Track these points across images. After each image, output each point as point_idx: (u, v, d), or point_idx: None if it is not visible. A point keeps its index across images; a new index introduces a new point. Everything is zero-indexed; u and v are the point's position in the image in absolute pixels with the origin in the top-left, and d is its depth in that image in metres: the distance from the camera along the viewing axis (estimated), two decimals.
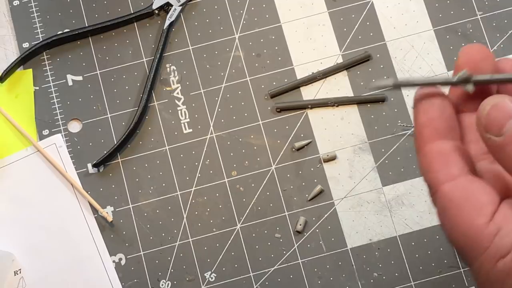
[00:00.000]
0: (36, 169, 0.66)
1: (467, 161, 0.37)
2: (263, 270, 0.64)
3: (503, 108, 0.35)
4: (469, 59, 0.38)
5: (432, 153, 0.38)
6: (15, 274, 0.64)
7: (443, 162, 0.37)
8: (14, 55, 0.69)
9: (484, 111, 0.35)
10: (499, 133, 0.35)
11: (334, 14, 0.69)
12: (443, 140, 0.38)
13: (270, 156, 0.66)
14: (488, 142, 0.35)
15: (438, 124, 0.38)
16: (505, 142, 0.34)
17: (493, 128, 0.35)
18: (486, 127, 0.35)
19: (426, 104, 0.38)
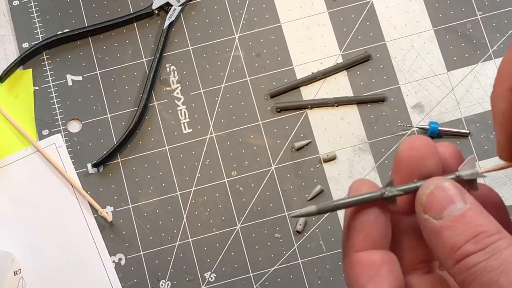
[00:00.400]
0: (36, 169, 0.66)
1: (397, 275, 0.34)
2: (263, 270, 0.64)
3: (448, 191, 0.33)
4: (411, 156, 0.35)
5: (360, 264, 0.34)
6: (15, 274, 0.64)
7: (371, 277, 0.34)
8: (14, 55, 0.69)
9: (426, 190, 0.33)
10: (438, 216, 0.32)
11: (334, 14, 0.69)
12: (374, 250, 0.34)
13: (270, 156, 0.66)
14: (424, 223, 0.33)
15: (371, 231, 0.34)
16: (443, 227, 0.32)
17: (433, 210, 0.33)
18: (426, 208, 0.33)
19: (360, 210, 0.35)
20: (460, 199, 0.32)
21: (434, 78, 0.67)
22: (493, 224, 0.32)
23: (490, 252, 0.31)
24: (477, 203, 0.33)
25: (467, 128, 0.66)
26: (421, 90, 0.67)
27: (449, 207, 0.32)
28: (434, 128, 0.65)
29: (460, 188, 0.33)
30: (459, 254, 0.31)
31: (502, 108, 0.34)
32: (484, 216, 0.32)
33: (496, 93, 0.34)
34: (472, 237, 0.31)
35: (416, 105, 0.67)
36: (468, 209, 0.32)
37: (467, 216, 0.32)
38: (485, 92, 0.66)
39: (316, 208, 0.34)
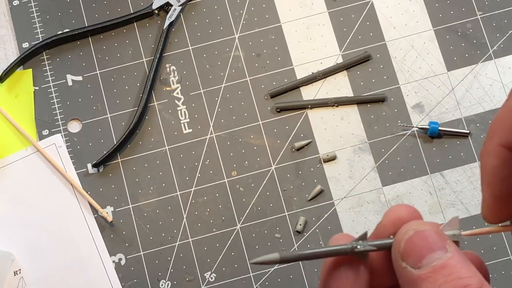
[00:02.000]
0: (36, 169, 0.66)
1: None
2: (263, 270, 0.64)
3: (428, 237, 0.30)
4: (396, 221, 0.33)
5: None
6: (15, 274, 0.64)
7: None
8: (14, 55, 0.69)
9: (405, 235, 0.31)
10: (416, 265, 0.30)
11: (334, 14, 0.69)
12: None
13: (270, 156, 0.66)
14: (402, 272, 0.30)
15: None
16: (421, 278, 0.29)
17: (411, 257, 0.30)
18: (403, 255, 0.30)
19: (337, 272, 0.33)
20: (441, 247, 0.30)
21: (434, 78, 0.67)
22: (476, 277, 0.29)
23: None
24: (459, 252, 0.30)
25: (467, 128, 0.66)
26: (421, 90, 0.67)
27: (429, 256, 0.30)
28: (434, 128, 0.65)
29: (442, 234, 0.31)
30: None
31: (492, 165, 0.31)
32: (466, 267, 0.30)
33: (486, 149, 0.32)
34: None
35: (416, 105, 0.67)
36: (449, 259, 0.30)
37: (447, 267, 0.29)
38: (485, 92, 0.66)
39: (278, 257, 0.32)
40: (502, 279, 0.63)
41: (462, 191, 0.65)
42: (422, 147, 0.66)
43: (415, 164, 0.65)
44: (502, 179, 0.31)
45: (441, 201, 0.65)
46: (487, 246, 0.63)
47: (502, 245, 0.63)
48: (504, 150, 0.31)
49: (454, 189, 0.65)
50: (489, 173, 0.31)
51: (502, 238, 0.64)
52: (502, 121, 0.31)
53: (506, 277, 0.63)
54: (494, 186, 0.31)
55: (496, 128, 0.31)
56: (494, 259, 0.63)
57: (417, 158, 0.65)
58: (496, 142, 0.31)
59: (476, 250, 0.63)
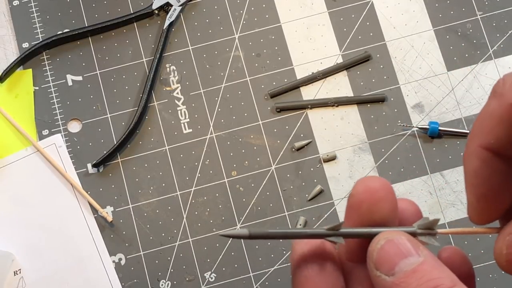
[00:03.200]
0: (36, 169, 0.66)
1: None
2: (263, 270, 0.64)
3: (399, 245, 0.31)
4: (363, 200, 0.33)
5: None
6: (15, 274, 0.64)
7: None
8: (14, 55, 0.69)
9: (377, 245, 0.31)
10: (389, 272, 0.30)
11: (334, 14, 0.69)
12: None
13: (270, 156, 0.66)
14: (377, 280, 0.31)
15: (315, 286, 0.33)
16: (394, 283, 0.30)
17: (384, 266, 0.30)
18: (377, 264, 0.31)
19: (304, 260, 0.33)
20: (413, 253, 0.31)
21: (434, 78, 0.67)
22: (448, 277, 0.30)
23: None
24: (432, 256, 0.31)
25: (467, 128, 0.66)
26: (421, 90, 0.67)
27: (401, 262, 0.30)
28: (434, 128, 0.65)
29: (413, 241, 0.31)
30: None
31: (473, 167, 0.31)
32: (438, 269, 0.30)
33: (468, 151, 0.32)
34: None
35: (416, 105, 0.67)
36: (420, 263, 0.30)
37: (419, 271, 0.30)
38: (485, 92, 0.66)
39: (247, 232, 0.32)
40: (502, 279, 0.63)
41: (462, 191, 0.65)
42: (422, 147, 0.66)
43: (415, 164, 0.65)
44: (484, 180, 0.31)
45: (441, 201, 0.65)
46: (487, 246, 0.63)
47: None
48: (484, 152, 0.31)
49: (454, 189, 0.65)
50: (471, 174, 0.32)
51: None
52: (482, 123, 0.31)
53: (506, 277, 0.63)
54: (476, 187, 0.32)
55: (476, 130, 0.31)
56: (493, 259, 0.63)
57: (417, 158, 0.65)
58: (477, 144, 0.31)
59: (475, 250, 0.63)
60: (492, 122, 0.30)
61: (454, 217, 0.64)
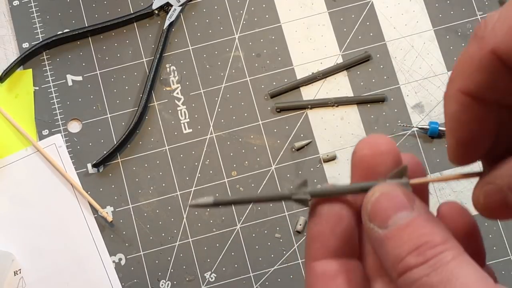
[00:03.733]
0: (36, 169, 0.66)
1: (355, 286, 0.32)
2: (263, 270, 0.64)
3: (393, 198, 0.30)
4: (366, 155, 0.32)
5: (314, 274, 0.32)
6: (15, 274, 0.64)
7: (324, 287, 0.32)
8: (14, 55, 0.69)
9: (371, 197, 0.31)
10: (383, 225, 0.30)
11: (334, 14, 0.69)
12: (330, 260, 0.32)
13: (270, 156, 0.66)
14: (370, 233, 0.31)
15: (327, 240, 0.32)
16: (387, 236, 0.30)
17: (378, 219, 0.30)
18: (371, 216, 0.30)
19: (319, 214, 0.32)
20: (407, 207, 0.30)
21: (434, 78, 0.67)
22: (439, 233, 0.29)
23: (432, 266, 0.28)
24: (426, 210, 0.30)
25: None
26: (421, 90, 0.67)
27: (394, 216, 0.30)
28: (434, 128, 0.65)
29: (409, 194, 0.31)
30: (401, 266, 0.29)
31: (453, 111, 0.31)
32: (431, 224, 0.30)
33: (448, 94, 0.31)
34: (415, 248, 0.29)
35: (416, 105, 0.67)
36: (414, 218, 0.30)
37: (412, 225, 0.30)
38: None
39: (212, 200, 0.32)
40: (502, 279, 0.63)
41: (462, 191, 0.65)
42: (422, 147, 0.66)
43: None
44: (463, 124, 0.31)
45: (441, 201, 0.65)
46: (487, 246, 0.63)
47: (503, 245, 0.63)
48: (463, 96, 0.30)
49: (454, 189, 0.65)
50: (450, 118, 0.31)
51: (502, 238, 0.64)
52: (462, 67, 0.30)
53: (506, 277, 0.63)
54: (456, 131, 0.31)
55: (456, 74, 0.30)
56: (494, 259, 0.63)
57: None
58: (456, 88, 0.30)
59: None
60: (471, 67, 0.29)
61: None
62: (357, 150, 0.32)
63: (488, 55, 0.28)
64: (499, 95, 0.30)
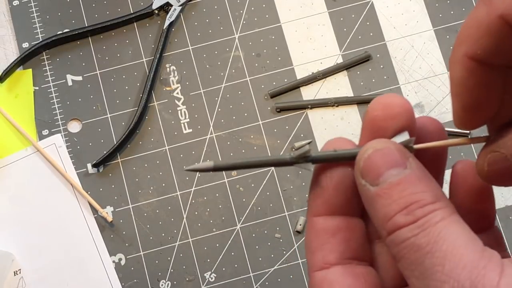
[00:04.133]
0: (36, 169, 0.66)
1: (354, 244, 0.32)
2: (263, 270, 0.64)
3: (386, 155, 0.29)
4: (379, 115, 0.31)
5: (314, 229, 0.32)
6: (15, 274, 0.64)
7: (322, 243, 0.31)
8: (14, 55, 0.69)
9: (364, 154, 0.30)
10: (374, 182, 0.29)
11: (334, 14, 0.69)
12: (331, 216, 0.32)
13: None
14: (362, 190, 0.30)
15: (330, 196, 0.32)
16: (378, 194, 0.29)
17: (370, 175, 0.29)
18: (363, 173, 0.30)
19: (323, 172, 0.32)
20: (400, 164, 0.29)
21: (434, 78, 0.67)
22: (430, 192, 0.29)
23: (420, 227, 0.28)
24: (421, 168, 0.30)
25: None
26: (421, 90, 0.67)
27: (386, 173, 0.29)
28: None
29: (403, 151, 0.30)
30: (390, 225, 0.28)
31: (458, 75, 0.30)
32: (423, 183, 0.29)
33: (454, 58, 0.30)
34: (404, 207, 0.28)
35: (416, 105, 0.67)
36: (406, 175, 0.29)
37: (403, 183, 0.29)
38: None
39: (213, 164, 0.32)
40: None
41: None
42: None
43: None
44: (469, 89, 0.30)
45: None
46: None
47: None
48: (469, 61, 0.29)
49: None
50: (456, 83, 0.30)
51: None
52: (468, 31, 0.29)
53: None
54: (461, 96, 0.30)
55: (463, 38, 0.30)
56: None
57: None
58: (462, 52, 0.30)
59: None
60: (479, 31, 0.29)
61: None
62: (369, 110, 0.31)
63: (496, 20, 0.28)
64: (506, 60, 0.29)
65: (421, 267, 0.27)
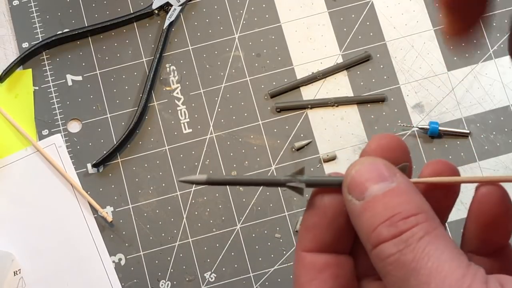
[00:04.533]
0: (36, 169, 0.66)
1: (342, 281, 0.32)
2: (263, 270, 0.64)
3: (373, 170, 0.30)
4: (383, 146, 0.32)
5: (303, 264, 0.32)
6: (15, 274, 0.64)
7: (310, 279, 0.32)
8: (14, 55, 0.69)
9: (352, 170, 0.30)
10: (360, 197, 0.29)
11: (334, 14, 0.69)
12: (320, 254, 0.32)
13: (270, 156, 0.66)
14: (348, 205, 0.30)
15: (322, 234, 0.32)
16: (363, 207, 0.29)
17: (356, 190, 0.29)
18: (349, 188, 0.30)
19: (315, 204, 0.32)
20: (386, 179, 0.29)
21: (434, 78, 0.67)
22: (414, 204, 0.28)
23: (405, 242, 0.27)
24: (407, 182, 0.29)
25: (467, 128, 0.66)
26: (421, 90, 0.67)
27: (372, 187, 0.29)
28: (434, 128, 0.65)
29: (390, 167, 0.30)
30: (374, 237, 0.28)
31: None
32: (408, 195, 0.29)
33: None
34: (387, 218, 0.28)
35: (416, 105, 0.66)
36: (391, 188, 0.29)
37: (388, 196, 0.29)
38: (485, 92, 0.66)
39: (205, 178, 0.32)
40: None
41: (462, 191, 0.64)
42: (422, 147, 0.65)
43: (415, 164, 0.65)
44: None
45: None
46: None
47: None
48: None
49: None
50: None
51: None
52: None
53: None
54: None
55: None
56: None
57: (417, 158, 0.65)
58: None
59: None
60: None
61: (454, 218, 0.64)
62: (367, 150, 0.32)
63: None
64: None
65: (406, 284, 0.27)
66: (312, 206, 0.32)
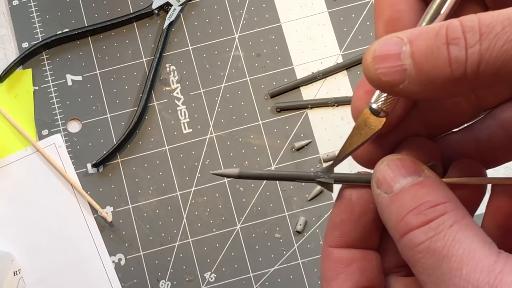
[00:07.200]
0: (36, 169, 0.66)
1: (369, 275, 0.32)
2: (263, 270, 0.64)
3: (402, 165, 0.30)
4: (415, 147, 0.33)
5: (329, 259, 0.33)
6: (15, 274, 0.64)
7: (337, 273, 0.32)
8: (14, 55, 0.69)
9: (380, 165, 0.31)
10: (389, 190, 0.30)
11: (334, 14, 0.69)
12: (347, 249, 0.33)
13: (270, 156, 0.66)
14: (377, 199, 0.31)
15: (349, 231, 0.33)
16: (392, 199, 0.29)
17: (384, 184, 0.30)
18: (378, 182, 0.31)
19: (343, 201, 0.33)
20: (415, 173, 0.30)
21: None
22: (443, 194, 0.29)
23: (434, 229, 0.28)
24: (435, 177, 0.30)
25: None
26: None
27: (400, 180, 0.30)
28: None
29: (418, 163, 0.30)
30: (402, 226, 0.28)
31: None
32: (436, 186, 0.29)
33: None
34: (416, 207, 0.28)
35: None
36: (420, 181, 0.29)
37: (416, 186, 0.29)
38: None
39: (238, 172, 0.33)
40: None
41: None
42: None
43: None
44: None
45: None
46: None
47: None
48: None
49: None
50: None
51: None
52: None
53: None
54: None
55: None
56: None
57: None
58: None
59: None
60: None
61: None
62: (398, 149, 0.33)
63: None
64: None
65: (438, 271, 0.27)
66: (340, 203, 0.33)
